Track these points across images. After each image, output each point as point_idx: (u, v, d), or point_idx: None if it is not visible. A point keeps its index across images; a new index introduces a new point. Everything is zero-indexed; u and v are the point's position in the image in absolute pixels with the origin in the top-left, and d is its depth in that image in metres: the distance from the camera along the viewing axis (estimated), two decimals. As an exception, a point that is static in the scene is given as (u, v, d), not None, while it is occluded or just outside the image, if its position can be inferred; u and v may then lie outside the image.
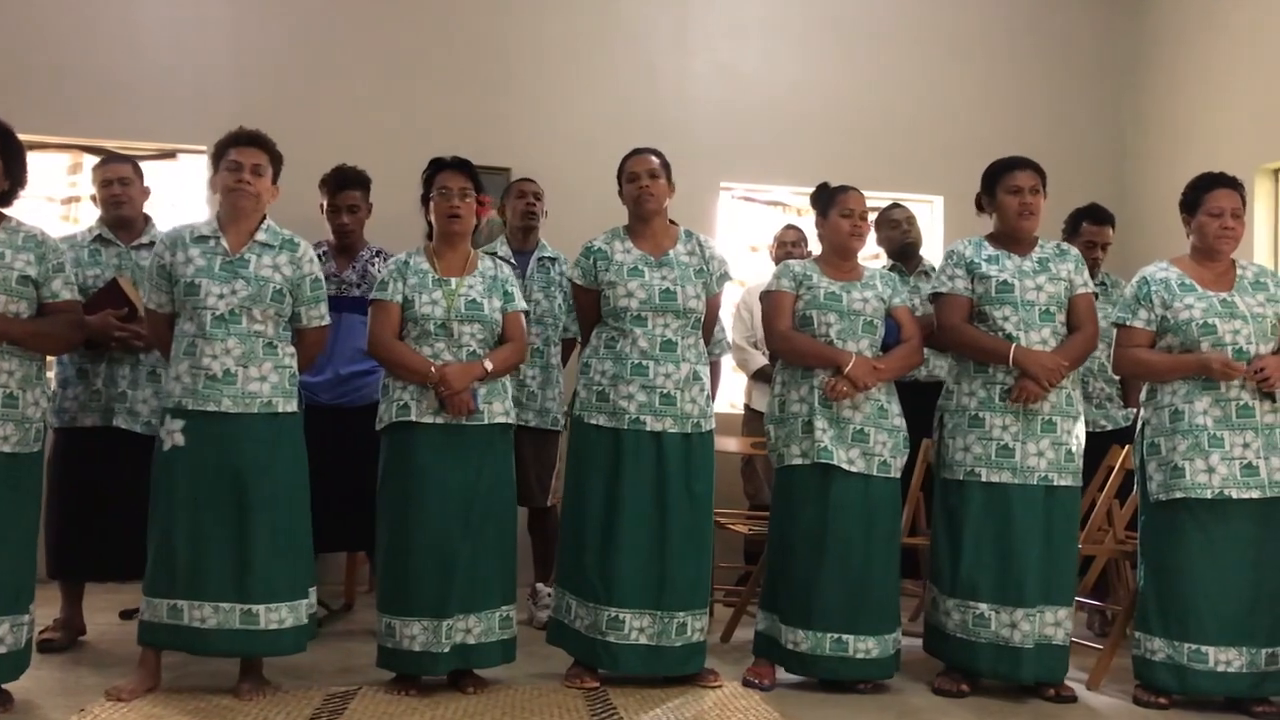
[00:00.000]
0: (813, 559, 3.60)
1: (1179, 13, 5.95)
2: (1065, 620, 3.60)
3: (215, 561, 3.24)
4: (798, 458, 3.63)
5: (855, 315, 3.68)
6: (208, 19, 5.60)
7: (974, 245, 3.76)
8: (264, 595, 3.26)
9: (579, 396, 3.65)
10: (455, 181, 3.53)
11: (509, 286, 3.61)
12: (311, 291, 3.43)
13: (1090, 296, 3.73)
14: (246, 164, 3.34)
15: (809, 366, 3.65)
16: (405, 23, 5.75)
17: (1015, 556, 3.55)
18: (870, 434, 3.63)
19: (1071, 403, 3.65)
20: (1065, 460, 3.61)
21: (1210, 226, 3.61)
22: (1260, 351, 3.52)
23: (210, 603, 3.23)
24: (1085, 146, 6.14)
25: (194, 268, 3.30)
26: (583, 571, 3.55)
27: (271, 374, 3.32)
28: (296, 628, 3.34)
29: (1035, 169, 3.73)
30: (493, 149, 5.39)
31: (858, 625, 3.58)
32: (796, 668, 3.64)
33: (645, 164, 3.69)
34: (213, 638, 3.25)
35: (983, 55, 6.17)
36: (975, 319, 3.69)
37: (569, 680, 3.56)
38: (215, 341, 3.26)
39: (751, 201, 6.09)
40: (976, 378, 3.66)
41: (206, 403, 3.25)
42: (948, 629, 3.65)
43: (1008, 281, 3.65)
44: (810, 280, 3.73)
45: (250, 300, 3.29)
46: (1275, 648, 3.47)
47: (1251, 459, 3.47)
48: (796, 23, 6.07)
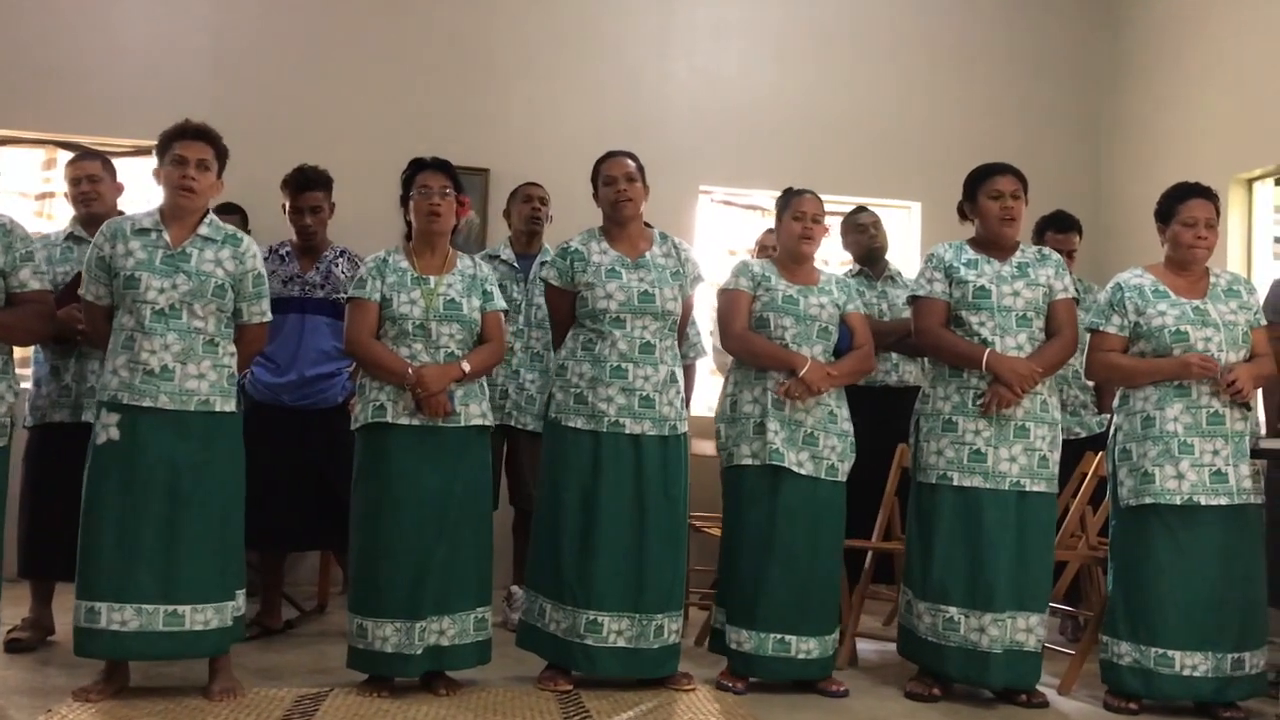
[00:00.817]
0: (760, 559, 3.62)
1: (1155, 24, 6.00)
2: (1038, 627, 3.61)
3: (142, 560, 3.17)
4: (748, 458, 3.65)
5: (811, 320, 3.70)
6: (185, 15, 5.57)
7: (954, 249, 3.78)
8: (191, 596, 3.20)
9: (555, 399, 3.64)
10: (436, 180, 3.52)
11: (488, 286, 3.60)
12: (254, 287, 3.38)
13: (1071, 302, 3.74)
14: (191, 159, 3.28)
15: (764, 368, 3.67)
16: (385, 22, 5.74)
17: (985, 561, 3.56)
18: (819, 438, 3.66)
19: (1046, 409, 3.67)
20: (1038, 466, 3.63)
21: (1184, 236, 3.64)
22: (1231, 359, 3.56)
23: (133, 605, 3.16)
24: (1062, 154, 6.18)
25: (134, 260, 3.24)
26: (559, 574, 3.54)
27: (210, 372, 3.26)
28: (221, 629, 3.27)
29: (1017, 174, 3.75)
30: (472, 150, 5.39)
31: (801, 626, 3.61)
32: (740, 667, 3.64)
33: (622, 167, 3.69)
34: (133, 641, 3.17)
35: (961, 63, 6.20)
36: (952, 323, 3.70)
37: (542, 683, 3.55)
38: (154, 336, 3.20)
39: (730, 205, 6.09)
40: (951, 382, 3.68)
41: (143, 398, 3.19)
42: (919, 632, 3.66)
43: (985, 287, 3.66)
44: (769, 282, 3.75)
45: (191, 295, 3.23)
46: (1241, 652, 3.50)
47: (1221, 466, 3.50)
48: (776, 28, 6.09)
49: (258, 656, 3.82)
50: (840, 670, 3.88)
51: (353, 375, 4.01)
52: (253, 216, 4.85)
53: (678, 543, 3.64)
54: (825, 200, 5.77)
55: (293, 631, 4.32)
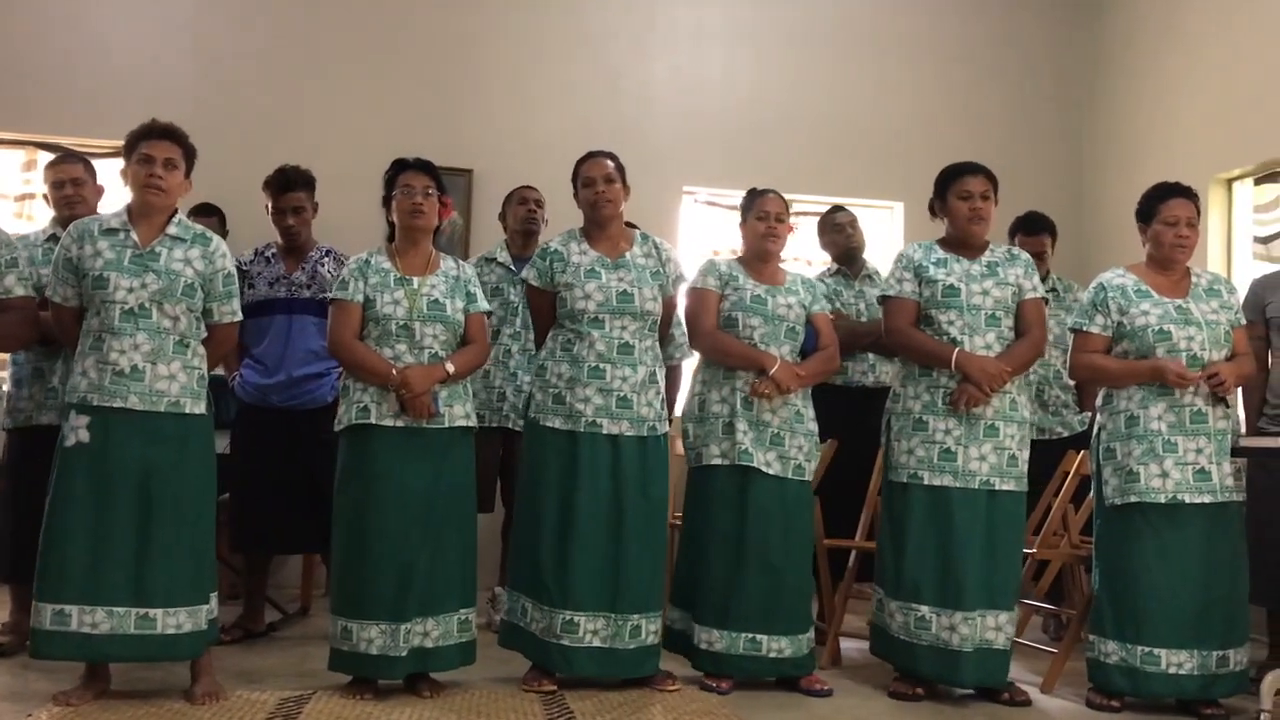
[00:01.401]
0: (731, 560, 3.62)
1: (1136, 25, 6.04)
2: (1007, 625, 3.62)
3: (114, 563, 3.14)
4: (717, 458, 3.66)
5: (779, 320, 3.71)
6: (166, 16, 5.55)
7: (924, 249, 3.79)
8: (163, 599, 3.18)
9: (534, 399, 3.64)
10: (418, 180, 3.52)
11: (471, 287, 3.59)
12: (224, 286, 3.36)
13: (1039, 301, 3.76)
14: (159, 158, 3.25)
15: (733, 367, 3.68)
16: (367, 24, 5.73)
17: (956, 560, 3.57)
18: (786, 438, 3.67)
19: (1015, 407, 3.68)
20: (1008, 465, 3.64)
21: (1166, 235, 3.66)
22: (1214, 358, 3.58)
23: (104, 607, 3.13)
24: (1043, 154, 6.22)
25: (102, 261, 3.21)
26: (538, 574, 3.53)
27: (180, 373, 3.24)
28: (194, 633, 3.24)
29: (986, 174, 3.76)
30: (455, 151, 5.39)
31: (772, 625, 3.61)
32: (709, 666, 3.65)
33: (601, 168, 3.68)
34: (104, 644, 3.14)
35: (943, 63, 6.23)
36: (922, 322, 3.72)
37: (526, 684, 3.54)
38: (124, 336, 3.18)
39: (715, 206, 6.10)
40: (921, 381, 3.69)
41: (113, 399, 3.16)
42: (891, 630, 3.68)
43: (954, 286, 3.68)
44: (736, 281, 3.76)
45: (161, 294, 3.21)
46: (1225, 650, 3.52)
47: (1204, 464, 3.52)
48: (758, 29, 6.10)
49: (240, 659, 3.80)
50: (824, 670, 3.89)
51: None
52: (233, 217, 4.83)
53: (656, 544, 3.63)
54: (809, 201, 5.88)
55: (275, 634, 4.30)
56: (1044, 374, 4.62)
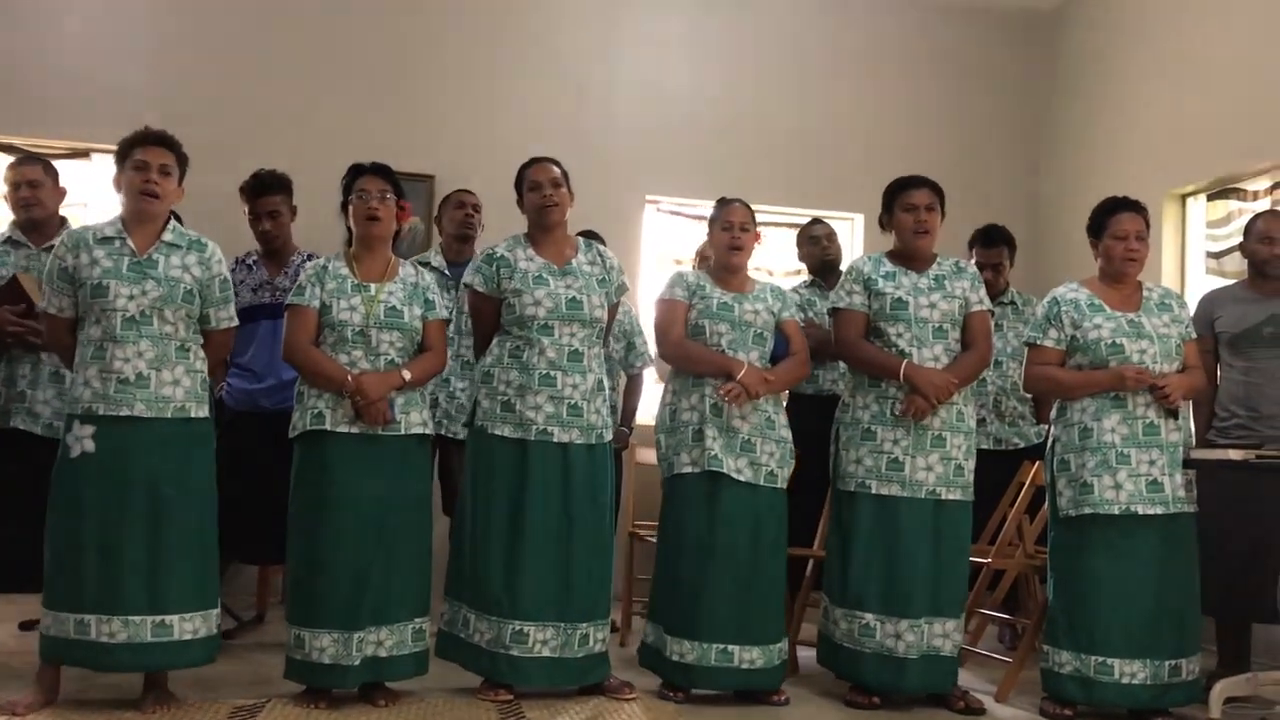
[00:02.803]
0: (700, 568, 3.62)
1: (1091, 42, 6.12)
2: (953, 632, 3.65)
3: (128, 572, 3.14)
4: (687, 466, 3.66)
5: (746, 326, 3.73)
6: (125, 18, 5.49)
7: (873, 262, 3.83)
8: (179, 604, 3.18)
9: (481, 407, 3.61)
10: (374, 185, 3.50)
11: (430, 294, 3.57)
12: (220, 292, 3.36)
13: (985, 315, 3.80)
14: (154, 164, 3.25)
15: (701, 374, 3.69)
16: (327, 29, 5.69)
17: (902, 568, 3.60)
18: (757, 444, 3.68)
19: (962, 419, 3.71)
20: (954, 475, 3.67)
21: (1116, 249, 3.71)
22: (1165, 371, 3.62)
23: (120, 616, 3.13)
24: (1001, 169, 6.29)
25: (100, 269, 3.21)
26: (485, 584, 3.51)
27: (184, 378, 3.25)
28: (208, 638, 3.27)
29: (931, 187, 3.80)
30: (418, 157, 5.37)
31: (743, 636, 3.61)
32: (681, 679, 3.63)
33: (546, 173, 3.68)
34: (120, 653, 3.14)
35: (904, 77, 6.28)
36: (871, 334, 3.75)
37: (482, 693, 3.52)
38: (126, 344, 3.18)
39: (678, 215, 6.12)
40: (870, 392, 3.72)
41: (119, 407, 3.16)
42: (836, 638, 3.70)
43: (902, 298, 3.71)
44: (704, 290, 3.77)
45: (162, 301, 3.21)
46: (1178, 659, 3.56)
47: (1157, 475, 3.56)
48: (722, 40, 6.13)
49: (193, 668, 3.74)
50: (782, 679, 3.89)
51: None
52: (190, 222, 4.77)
53: (605, 551, 3.63)
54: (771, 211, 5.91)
55: (230, 642, 4.24)
56: (1002, 385, 4.67)
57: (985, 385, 4.62)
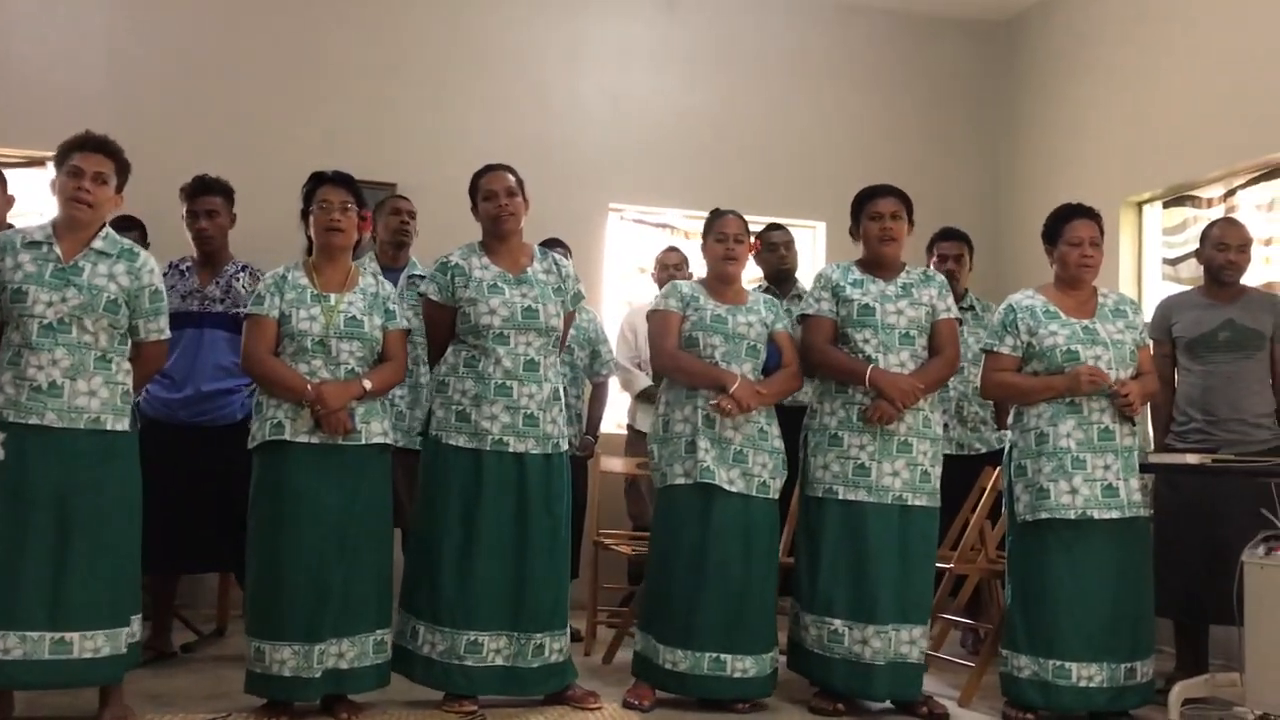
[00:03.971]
0: (693, 578, 3.62)
1: (1049, 52, 6.19)
2: (920, 639, 3.67)
3: (28, 585, 3.04)
4: (680, 477, 3.66)
5: (740, 339, 3.73)
6: (81, 24, 5.44)
7: (841, 269, 3.86)
8: (80, 622, 3.08)
9: (435, 416, 3.58)
10: (336, 195, 3.47)
11: (390, 304, 3.55)
12: (151, 303, 3.29)
13: (952, 322, 3.83)
14: (88, 171, 3.18)
15: (694, 386, 3.69)
16: (289, 35, 5.66)
17: (869, 574, 3.62)
18: (750, 455, 3.68)
19: (929, 424, 3.74)
20: (920, 481, 3.70)
21: (1071, 255, 3.75)
22: (1120, 376, 3.66)
23: (17, 632, 3.03)
24: (961, 177, 6.35)
25: (22, 274, 3.13)
26: (438, 595, 3.48)
27: (102, 389, 3.16)
28: (114, 657, 3.15)
29: (898, 196, 3.83)
30: (379, 164, 5.33)
31: (735, 644, 3.61)
32: (674, 687, 3.64)
33: (501, 181, 3.67)
34: (16, 670, 3.04)
35: (865, 86, 6.33)
36: (839, 341, 3.77)
37: (446, 704, 3.50)
38: (42, 351, 3.10)
39: (642, 224, 6.12)
40: (837, 398, 3.74)
41: (30, 415, 3.08)
42: (806, 644, 3.71)
43: (869, 305, 3.74)
44: (698, 302, 3.78)
45: (82, 309, 3.13)
46: (1133, 662, 3.60)
47: (1112, 480, 3.60)
48: (685, 48, 6.15)
49: (152, 682, 3.70)
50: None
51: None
52: (149, 230, 4.73)
53: (561, 561, 3.61)
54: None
55: (190, 655, 4.22)
56: (963, 391, 4.70)
57: (947, 390, 4.65)
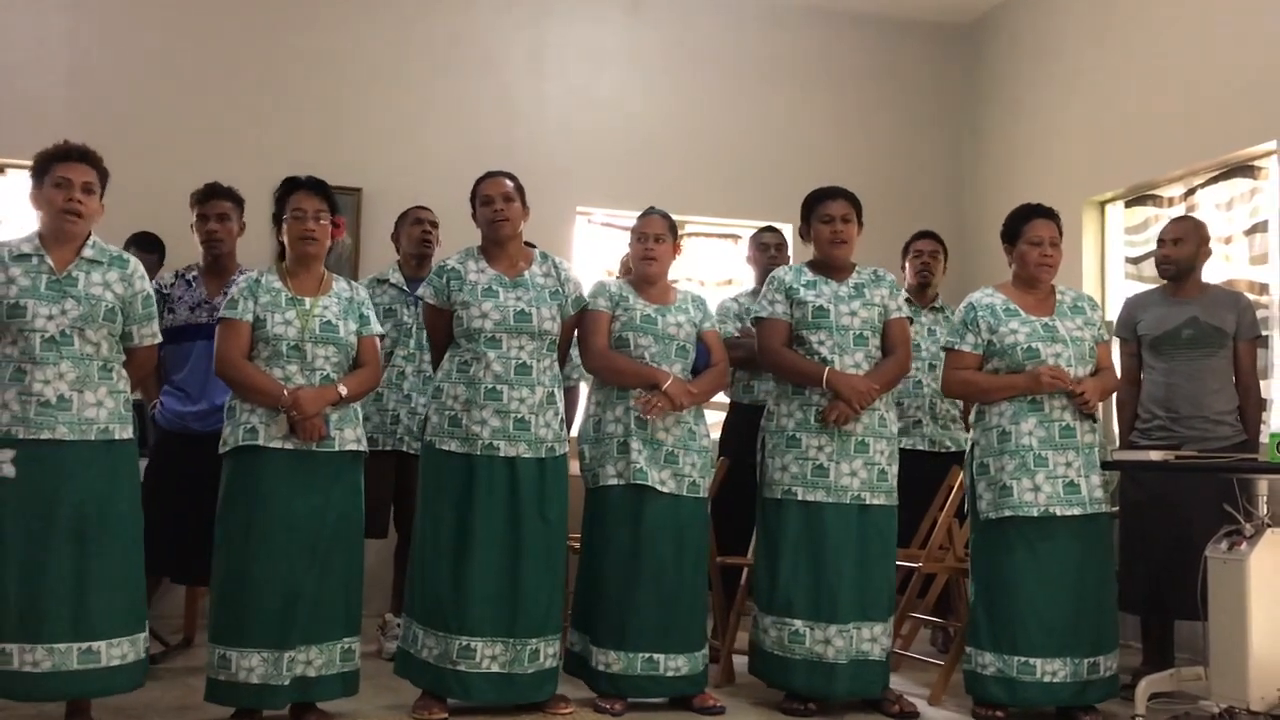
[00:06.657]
0: (627, 579, 3.63)
1: (1011, 54, 6.25)
2: (882, 636, 3.70)
3: (52, 599, 3.06)
4: (613, 478, 3.67)
5: (670, 339, 3.75)
6: (43, 29, 5.38)
7: (794, 272, 3.88)
8: (106, 630, 3.11)
9: (430, 421, 3.60)
10: (310, 203, 3.45)
11: (364, 309, 3.54)
12: (143, 309, 3.30)
13: (904, 321, 3.87)
14: (76, 181, 3.18)
15: (625, 386, 3.70)
16: (253, 39, 5.63)
17: (829, 574, 3.64)
18: (680, 456, 3.70)
19: (885, 424, 3.77)
20: (878, 480, 3.73)
21: (1031, 255, 3.78)
22: (1080, 374, 3.70)
23: (45, 645, 3.04)
24: (926, 178, 6.40)
25: (17, 288, 3.12)
26: (433, 600, 3.49)
27: (107, 399, 3.18)
28: (136, 663, 3.19)
29: (847, 198, 3.85)
30: (344, 169, 5.30)
31: (668, 644, 3.63)
32: (606, 687, 3.64)
33: (499, 187, 3.68)
34: (47, 682, 3.05)
35: (830, 89, 6.37)
36: (794, 343, 3.79)
37: (416, 712, 3.49)
38: (47, 366, 3.09)
39: (610, 227, 6.12)
40: (794, 399, 3.77)
41: (40, 430, 3.07)
42: (766, 646, 3.72)
43: (823, 307, 3.76)
44: (627, 301, 3.79)
45: (83, 320, 3.14)
46: (1096, 656, 3.63)
47: (1074, 477, 3.63)
48: (651, 51, 6.16)
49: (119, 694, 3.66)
50: (718, 687, 3.91)
51: None
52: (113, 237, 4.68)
53: (554, 566, 3.62)
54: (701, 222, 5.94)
55: (156, 666, 4.16)
56: (935, 389, 4.73)
57: (921, 388, 4.69)
